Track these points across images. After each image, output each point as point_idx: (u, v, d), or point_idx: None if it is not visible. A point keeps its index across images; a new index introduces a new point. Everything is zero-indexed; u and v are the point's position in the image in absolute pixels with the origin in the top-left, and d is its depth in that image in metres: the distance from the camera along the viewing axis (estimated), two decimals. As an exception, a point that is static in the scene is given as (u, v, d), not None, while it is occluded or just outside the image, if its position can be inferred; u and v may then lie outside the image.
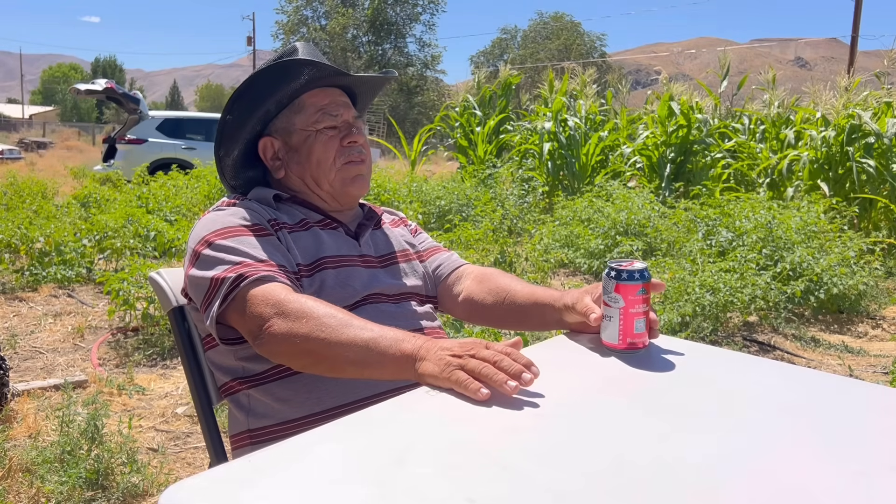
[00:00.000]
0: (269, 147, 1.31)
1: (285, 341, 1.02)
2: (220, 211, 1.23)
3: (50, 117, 55.52)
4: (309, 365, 1.05)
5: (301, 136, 1.29)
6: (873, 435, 0.81)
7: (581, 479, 0.68)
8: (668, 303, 4.16)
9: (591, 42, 50.54)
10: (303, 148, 1.28)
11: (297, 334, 1.01)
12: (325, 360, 1.01)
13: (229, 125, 1.29)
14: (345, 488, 0.65)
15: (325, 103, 1.29)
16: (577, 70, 11.64)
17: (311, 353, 1.01)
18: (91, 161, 15.26)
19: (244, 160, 1.33)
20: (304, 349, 1.01)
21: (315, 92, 1.30)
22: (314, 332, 1.00)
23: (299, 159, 1.29)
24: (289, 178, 1.32)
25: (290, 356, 1.06)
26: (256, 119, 1.29)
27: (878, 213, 7.37)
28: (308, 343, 1.00)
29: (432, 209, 7.71)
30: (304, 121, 1.28)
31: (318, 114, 1.28)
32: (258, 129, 1.31)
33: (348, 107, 1.33)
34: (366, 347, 0.97)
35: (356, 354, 0.98)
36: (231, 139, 1.30)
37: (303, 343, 1.01)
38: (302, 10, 39.67)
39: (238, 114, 1.29)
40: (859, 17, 19.77)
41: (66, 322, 4.11)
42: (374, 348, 0.97)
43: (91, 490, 2.15)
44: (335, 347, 0.99)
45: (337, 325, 1.00)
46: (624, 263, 1.05)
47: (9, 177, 8.84)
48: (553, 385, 0.90)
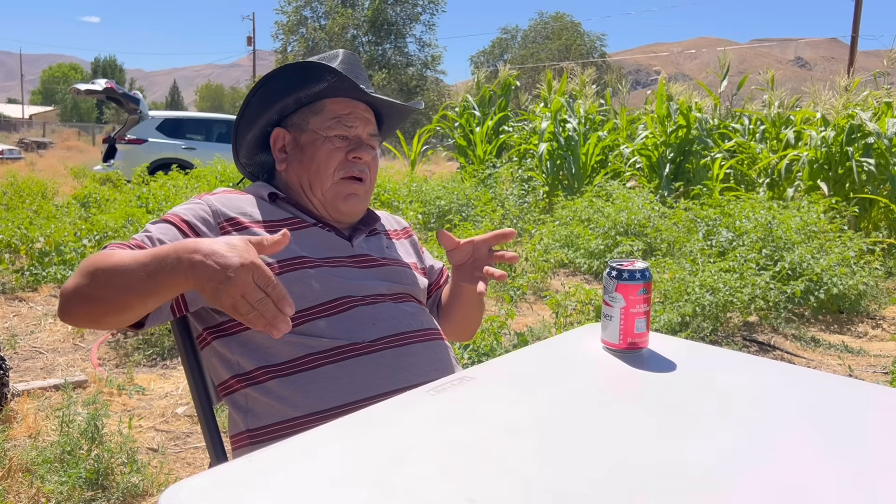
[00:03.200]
0: (280, 138, 1.32)
1: (70, 296, 1.02)
2: (187, 204, 1.25)
3: (50, 117, 55.54)
4: (101, 315, 1.03)
5: (311, 136, 1.29)
6: (873, 435, 0.81)
7: (581, 479, 0.68)
8: (668, 303, 4.16)
9: (591, 42, 50.54)
10: (308, 149, 1.29)
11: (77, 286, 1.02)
12: (106, 302, 1.00)
13: (250, 108, 1.31)
14: (345, 488, 0.65)
15: (344, 113, 1.29)
16: (575, 70, 11.63)
17: (93, 300, 1.01)
18: (91, 161, 15.26)
19: (257, 144, 1.36)
20: (88, 297, 1.01)
21: (339, 99, 1.30)
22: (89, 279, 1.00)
23: (301, 158, 1.29)
24: (287, 173, 1.32)
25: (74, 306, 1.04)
26: (274, 109, 1.30)
27: (878, 213, 7.37)
28: (88, 290, 1.01)
29: (432, 209, 7.71)
30: (318, 123, 1.29)
31: (334, 121, 1.28)
32: (275, 119, 1.32)
33: (368, 123, 1.32)
34: (138, 274, 0.96)
35: (127, 284, 0.97)
36: (249, 122, 1.32)
37: (85, 291, 1.01)
38: (302, 10, 39.66)
39: (259, 100, 1.30)
40: (859, 17, 19.78)
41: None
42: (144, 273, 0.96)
43: (91, 490, 2.15)
44: (109, 287, 0.99)
45: (105, 263, 1.00)
46: (625, 263, 1.05)
47: (9, 177, 8.84)
48: (553, 385, 0.90)
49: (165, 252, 0.95)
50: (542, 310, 4.67)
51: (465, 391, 0.89)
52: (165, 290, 0.96)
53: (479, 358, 3.15)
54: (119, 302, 1.00)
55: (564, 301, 3.96)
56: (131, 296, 0.98)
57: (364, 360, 1.16)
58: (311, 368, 1.15)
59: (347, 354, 1.16)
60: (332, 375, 1.14)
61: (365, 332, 1.18)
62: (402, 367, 1.18)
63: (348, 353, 1.16)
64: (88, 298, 1.02)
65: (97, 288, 1.00)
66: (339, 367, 1.15)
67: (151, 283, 0.95)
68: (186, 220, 1.19)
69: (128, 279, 0.97)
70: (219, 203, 1.24)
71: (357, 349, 1.16)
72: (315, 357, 1.15)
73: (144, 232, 1.16)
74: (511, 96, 12.06)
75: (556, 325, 4.00)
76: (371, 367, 1.16)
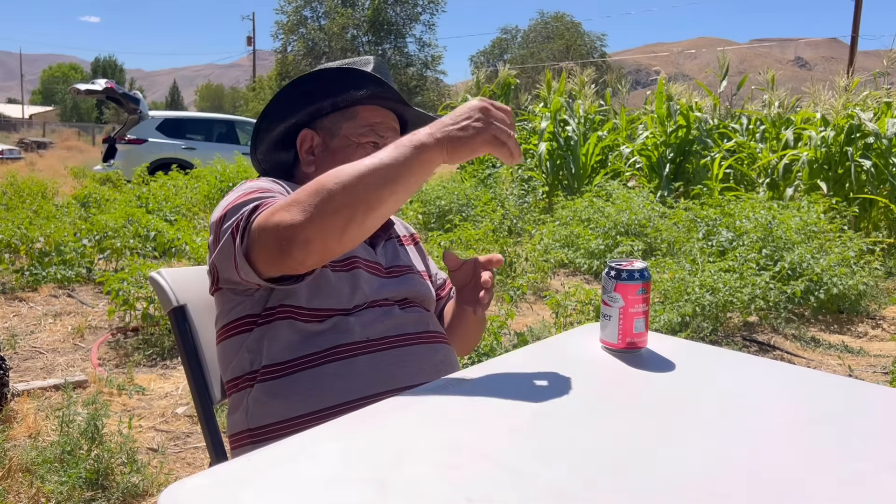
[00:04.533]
0: (309, 140, 1.32)
1: (310, 220, 0.97)
2: (252, 181, 1.24)
3: (50, 117, 55.54)
4: (348, 222, 0.97)
5: (343, 142, 1.29)
6: (873, 435, 0.81)
7: (581, 479, 0.68)
8: (668, 303, 4.16)
9: (591, 42, 50.55)
10: (339, 154, 1.29)
11: (315, 206, 0.97)
12: (357, 203, 0.96)
13: (281, 105, 1.30)
14: (344, 488, 0.65)
15: (377, 122, 1.31)
16: (575, 70, 11.63)
17: (340, 210, 0.96)
18: (91, 161, 15.27)
19: (279, 142, 1.35)
20: (332, 210, 0.96)
21: (372, 108, 1.31)
22: (328, 191, 0.97)
23: (333, 162, 1.29)
24: (316, 175, 1.32)
25: (324, 230, 0.98)
26: (307, 111, 1.30)
27: (877, 213, 7.38)
28: (331, 203, 0.96)
29: (432, 209, 7.71)
30: (351, 129, 1.29)
31: (367, 128, 1.29)
32: (304, 120, 1.32)
33: (396, 133, 1.34)
34: (384, 166, 0.96)
35: (378, 178, 0.96)
36: (276, 118, 1.31)
37: (325, 207, 0.96)
38: (302, 10, 39.68)
39: (292, 98, 1.30)
40: (859, 17, 19.79)
41: (66, 322, 4.11)
42: (392, 161, 0.96)
43: (91, 490, 2.15)
44: (357, 188, 0.96)
45: (341, 173, 0.98)
46: (624, 263, 1.05)
47: (9, 177, 8.84)
48: (553, 385, 0.90)
49: (404, 142, 0.98)
50: (542, 310, 4.67)
51: (465, 391, 0.89)
52: (422, 168, 0.97)
53: (479, 358, 3.15)
54: (375, 197, 0.96)
55: (564, 301, 3.96)
56: (389, 186, 0.96)
57: (367, 359, 1.17)
58: (312, 367, 1.15)
59: (350, 353, 1.16)
60: (336, 373, 1.14)
61: (370, 331, 1.19)
62: (403, 366, 1.18)
63: (351, 352, 1.16)
64: (333, 211, 0.97)
65: (343, 196, 0.96)
66: (343, 364, 1.15)
67: (405, 168, 0.96)
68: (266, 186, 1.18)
69: (378, 173, 0.96)
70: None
71: (359, 347, 1.17)
72: (314, 356, 1.16)
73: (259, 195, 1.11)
74: (511, 96, 12.05)
75: (556, 325, 4.00)
76: (373, 365, 1.16)
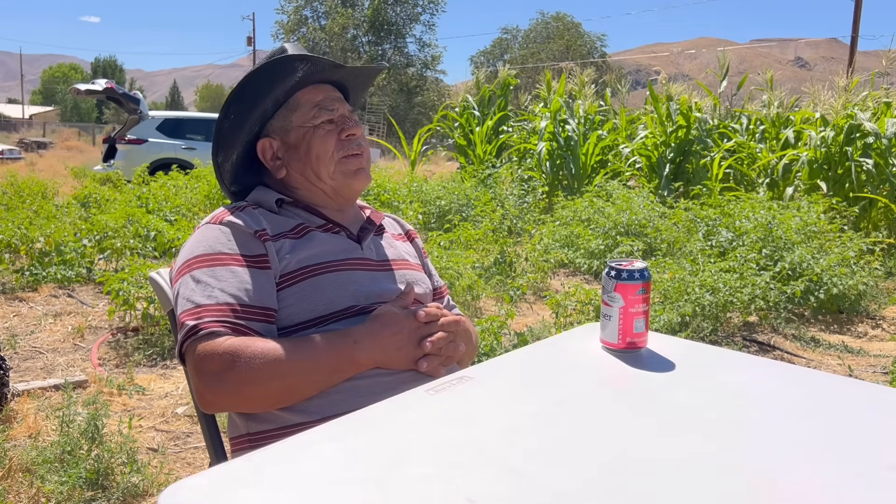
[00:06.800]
0: (269, 147, 1.32)
1: (225, 396, 1.10)
2: (212, 228, 1.22)
3: (50, 117, 55.52)
4: (262, 405, 1.13)
5: (299, 132, 1.29)
6: (873, 435, 0.81)
7: (580, 478, 0.68)
8: (668, 303, 4.16)
9: (591, 42, 50.55)
10: (302, 144, 1.29)
11: (236, 387, 1.08)
12: (280, 397, 1.11)
13: (228, 128, 1.30)
14: (344, 488, 0.65)
15: (320, 99, 1.31)
16: (575, 70, 11.63)
17: (258, 398, 1.11)
18: (91, 161, 15.26)
19: (243, 164, 1.34)
20: (251, 395, 1.10)
21: (308, 89, 1.31)
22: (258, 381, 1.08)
23: (299, 156, 1.30)
24: (290, 176, 1.32)
25: (235, 405, 1.15)
26: (254, 120, 1.29)
27: (877, 213, 7.37)
28: (255, 390, 1.09)
29: (432, 209, 7.71)
30: (301, 117, 1.29)
31: (315, 109, 1.29)
32: (255, 131, 1.31)
33: (342, 101, 1.34)
34: (320, 372, 1.11)
35: (310, 383, 1.10)
36: (229, 143, 1.31)
37: (247, 392, 1.09)
38: (302, 10, 39.69)
39: (236, 115, 1.30)
40: (859, 17, 19.79)
41: (66, 322, 4.11)
42: (329, 370, 1.11)
43: (91, 490, 2.15)
44: (283, 387, 1.10)
45: (280, 366, 1.08)
46: (624, 263, 1.05)
47: (9, 177, 8.84)
48: (553, 385, 0.90)
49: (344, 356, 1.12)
50: (542, 310, 4.67)
51: (465, 391, 0.89)
52: (352, 373, 1.13)
53: (479, 358, 3.15)
54: (299, 394, 1.11)
55: (564, 301, 3.96)
56: (316, 387, 1.12)
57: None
58: None
59: None
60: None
61: None
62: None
63: None
64: (252, 397, 1.11)
65: (269, 389, 1.09)
66: None
67: (337, 377, 1.13)
68: (240, 252, 1.19)
69: (308, 386, 1.11)
70: (250, 217, 1.24)
71: None
72: None
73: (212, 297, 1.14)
74: (511, 96, 12.06)
75: (556, 325, 4.00)
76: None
